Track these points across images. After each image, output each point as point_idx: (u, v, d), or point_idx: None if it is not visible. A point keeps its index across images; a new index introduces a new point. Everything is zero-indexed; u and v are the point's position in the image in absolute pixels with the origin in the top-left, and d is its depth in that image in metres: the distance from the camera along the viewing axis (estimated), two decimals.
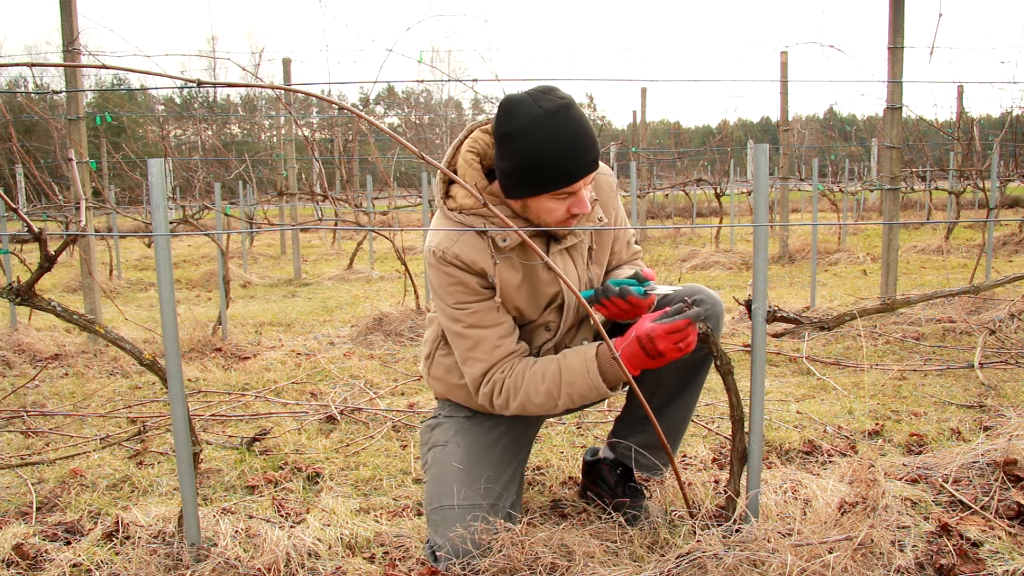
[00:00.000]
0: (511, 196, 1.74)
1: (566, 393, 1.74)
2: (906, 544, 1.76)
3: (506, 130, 1.65)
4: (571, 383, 1.72)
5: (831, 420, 2.88)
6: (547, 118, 1.62)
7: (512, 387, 1.78)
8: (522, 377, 1.77)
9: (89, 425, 3.11)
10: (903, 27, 4.53)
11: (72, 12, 4.47)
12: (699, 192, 13.10)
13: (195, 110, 25.82)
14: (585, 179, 1.69)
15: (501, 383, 1.79)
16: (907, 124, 7.23)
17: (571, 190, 1.69)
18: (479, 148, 1.79)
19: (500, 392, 1.79)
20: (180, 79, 1.71)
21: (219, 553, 1.73)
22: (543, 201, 1.71)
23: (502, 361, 1.80)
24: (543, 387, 1.74)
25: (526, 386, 1.76)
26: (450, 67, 24.36)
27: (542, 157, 1.63)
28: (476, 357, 1.80)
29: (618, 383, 1.74)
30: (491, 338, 1.79)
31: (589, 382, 1.71)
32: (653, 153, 14.80)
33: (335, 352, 4.43)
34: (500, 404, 1.81)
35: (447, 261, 1.76)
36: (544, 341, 1.90)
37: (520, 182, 1.69)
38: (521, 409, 1.79)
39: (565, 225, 1.76)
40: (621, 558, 1.74)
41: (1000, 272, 6.69)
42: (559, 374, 1.74)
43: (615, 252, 2.06)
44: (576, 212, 1.73)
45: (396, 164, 11.59)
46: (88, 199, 5.21)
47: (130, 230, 11.99)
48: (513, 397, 1.78)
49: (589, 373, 1.71)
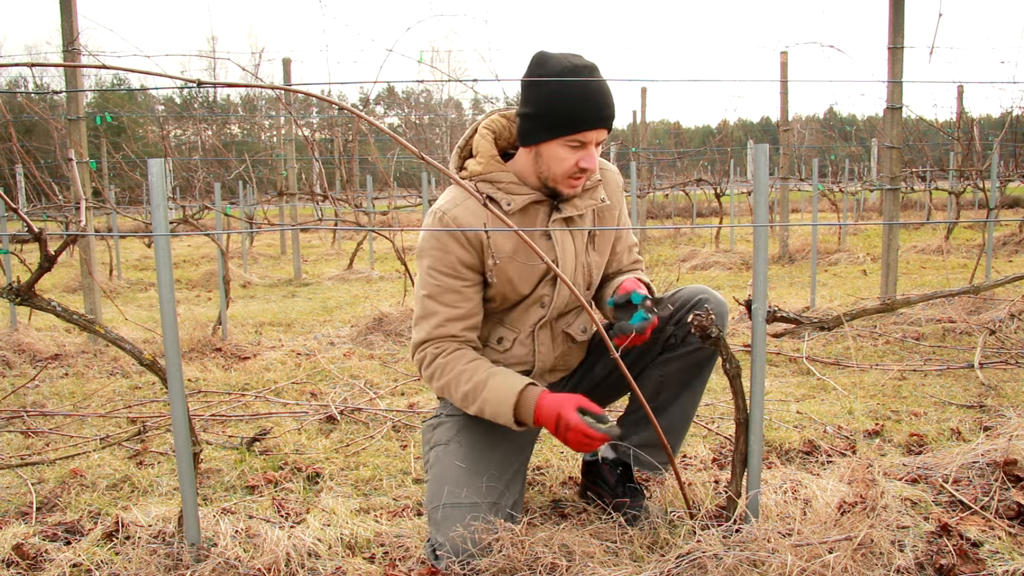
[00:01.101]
0: (527, 142, 1.82)
1: (479, 406, 1.81)
2: (906, 544, 1.76)
3: (534, 75, 1.78)
4: (487, 400, 1.79)
5: (831, 420, 2.88)
6: (574, 71, 1.74)
7: (440, 368, 1.86)
8: (452, 368, 1.84)
9: (89, 425, 3.12)
10: (903, 27, 4.53)
11: (72, 12, 4.47)
12: (699, 192, 13.10)
13: (195, 110, 25.82)
14: (598, 132, 1.77)
15: (433, 358, 1.87)
16: (907, 124, 7.23)
17: (582, 139, 1.77)
18: (495, 127, 1.92)
19: (429, 365, 1.88)
20: (180, 79, 1.71)
21: (219, 553, 1.73)
22: (555, 148, 1.78)
23: (442, 340, 1.88)
24: (464, 388, 1.82)
25: (451, 378, 1.84)
26: (450, 67, 24.38)
27: (563, 99, 1.73)
28: (422, 326, 1.89)
29: (526, 425, 1.79)
30: (440, 315, 1.86)
31: (502, 411, 1.78)
32: (653, 153, 14.79)
33: (335, 352, 4.43)
34: (427, 375, 1.90)
35: (443, 223, 1.84)
36: (539, 319, 1.95)
37: (538, 124, 1.77)
38: (442, 393, 1.89)
39: (572, 182, 1.83)
40: (621, 558, 1.74)
41: (1000, 272, 6.69)
42: (482, 387, 1.80)
43: (616, 253, 2.08)
44: (584, 166, 1.80)
45: (396, 164, 11.59)
46: (88, 199, 5.21)
47: (130, 230, 11.99)
48: (438, 378, 1.87)
49: (504, 404, 1.77)
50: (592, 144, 1.79)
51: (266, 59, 31.55)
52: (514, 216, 1.86)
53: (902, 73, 4.58)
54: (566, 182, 1.83)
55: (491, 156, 1.88)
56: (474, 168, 1.88)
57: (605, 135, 1.81)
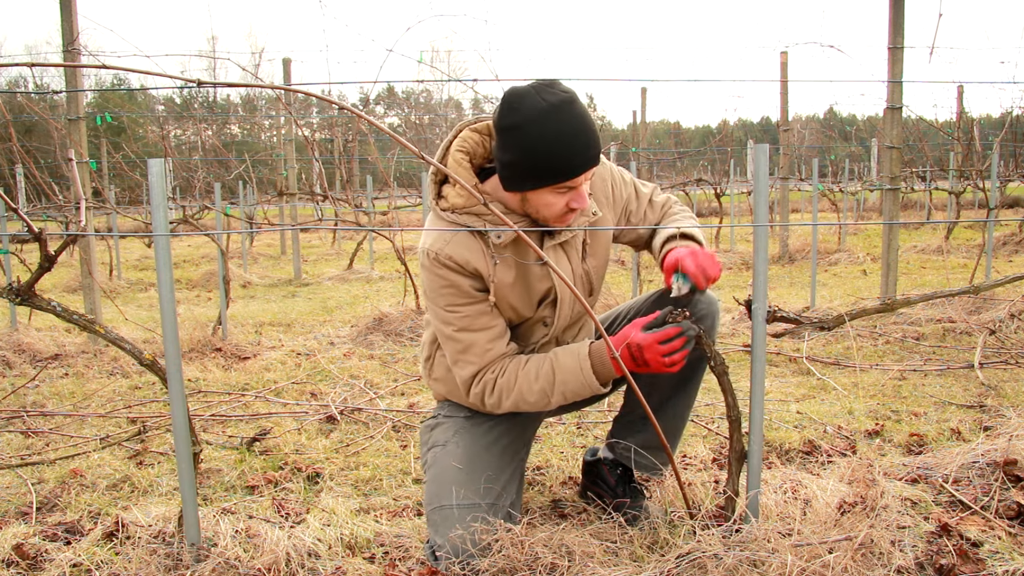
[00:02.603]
0: (511, 188, 1.74)
1: (560, 391, 1.76)
2: (906, 544, 1.76)
3: (509, 122, 1.65)
4: (565, 381, 1.75)
5: (831, 420, 2.88)
6: (551, 112, 1.62)
7: (505, 386, 1.79)
8: (515, 377, 1.79)
9: (89, 425, 3.11)
10: (903, 27, 4.53)
11: (72, 12, 4.47)
12: (699, 192, 13.09)
13: (195, 110, 25.83)
14: (586, 174, 1.70)
15: (493, 383, 1.81)
16: (907, 124, 7.23)
17: (571, 184, 1.69)
18: (468, 147, 1.80)
19: (492, 392, 1.81)
20: (180, 79, 1.71)
21: (219, 553, 1.73)
22: (543, 195, 1.71)
23: (493, 363, 1.81)
24: (537, 386, 1.77)
25: (519, 385, 1.78)
26: (450, 67, 24.37)
27: (545, 151, 1.63)
28: (467, 360, 1.82)
29: (610, 380, 1.76)
30: (482, 341, 1.80)
31: (583, 380, 1.74)
32: (653, 153, 14.80)
33: (335, 352, 4.43)
34: (492, 404, 1.82)
35: (440, 263, 1.77)
36: (541, 337, 1.92)
37: (521, 174, 1.69)
38: (514, 407, 1.81)
39: (563, 220, 1.77)
40: (621, 558, 1.74)
41: (1000, 272, 6.69)
42: (552, 373, 1.76)
43: (646, 219, 2.01)
44: (575, 207, 1.74)
45: (396, 164, 11.59)
46: (88, 199, 5.21)
47: (130, 230, 11.99)
48: (506, 396, 1.80)
49: (583, 371, 1.74)
50: (581, 184, 1.71)
51: (266, 59, 31.57)
52: (506, 248, 1.78)
53: (902, 73, 4.58)
54: (558, 221, 1.77)
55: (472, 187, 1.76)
56: (455, 201, 1.77)
57: (593, 171, 1.73)
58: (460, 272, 1.78)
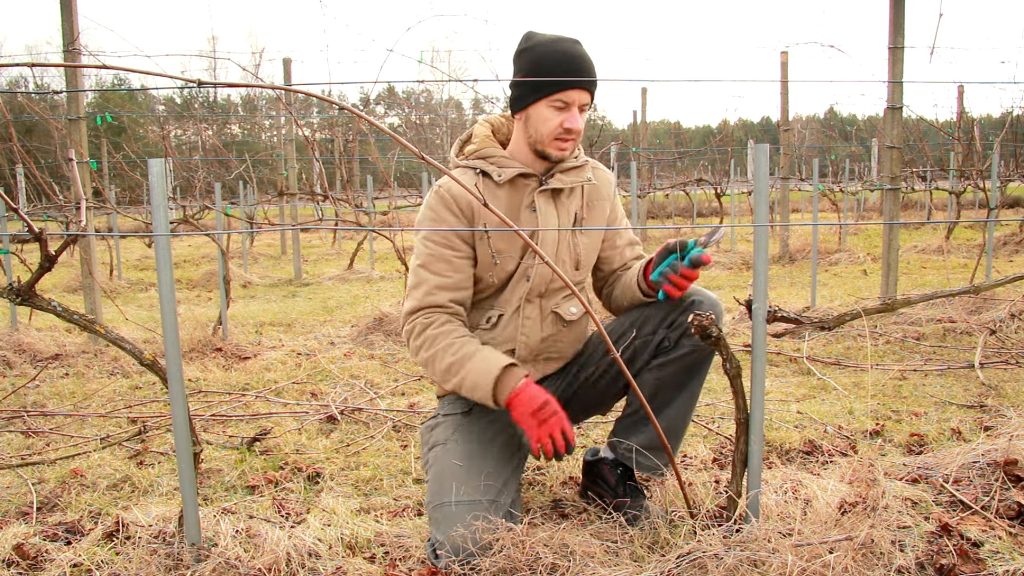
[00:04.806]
0: (516, 109, 1.95)
1: (460, 378, 1.85)
2: (906, 544, 1.76)
3: (523, 47, 1.93)
4: (469, 372, 1.84)
5: (831, 420, 2.88)
6: (558, 40, 1.90)
7: (430, 339, 1.91)
8: (442, 339, 1.89)
9: (89, 425, 3.12)
10: (903, 27, 4.53)
11: (72, 12, 4.47)
12: (699, 192, 13.10)
13: (195, 110, 25.84)
14: (580, 93, 1.88)
15: (423, 328, 1.93)
16: (907, 124, 7.23)
17: (565, 98, 1.87)
18: (494, 122, 2.09)
19: (419, 336, 1.93)
20: (180, 79, 1.71)
21: (219, 553, 1.73)
22: (540, 109, 1.89)
23: (432, 309, 1.93)
24: (448, 360, 1.86)
25: (440, 347, 1.88)
26: (450, 67, 24.39)
27: (546, 60, 1.87)
28: (413, 295, 1.96)
29: (502, 401, 1.82)
30: (431, 282, 1.94)
31: (481, 383, 1.81)
32: (653, 153, 14.79)
33: (335, 352, 4.43)
34: (414, 347, 1.95)
35: (439, 196, 1.95)
36: (524, 292, 2.00)
37: (524, 89, 1.90)
38: (425, 364, 1.93)
39: (558, 144, 1.92)
40: (621, 558, 1.74)
41: (1000, 272, 6.69)
42: (468, 360, 1.84)
43: (617, 247, 2.16)
44: (569, 127, 1.89)
45: (396, 164, 11.60)
46: (88, 199, 5.21)
47: (130, 230, 11.99)
48: (426, 349, 1.91)
49: (487, 375, 1.81)
50: (575, 106, 1.89)
51: (266, 59, 31.53)
52: (504, 188, 1.97)
53: (902, 73, 4.57)
54: (553, 144, 1.92)
55: (486, 136, 2.03)
56: (470, 149, 2.03)
57: (588, 99, 1.92)
58: (450, 208, 1.94)
